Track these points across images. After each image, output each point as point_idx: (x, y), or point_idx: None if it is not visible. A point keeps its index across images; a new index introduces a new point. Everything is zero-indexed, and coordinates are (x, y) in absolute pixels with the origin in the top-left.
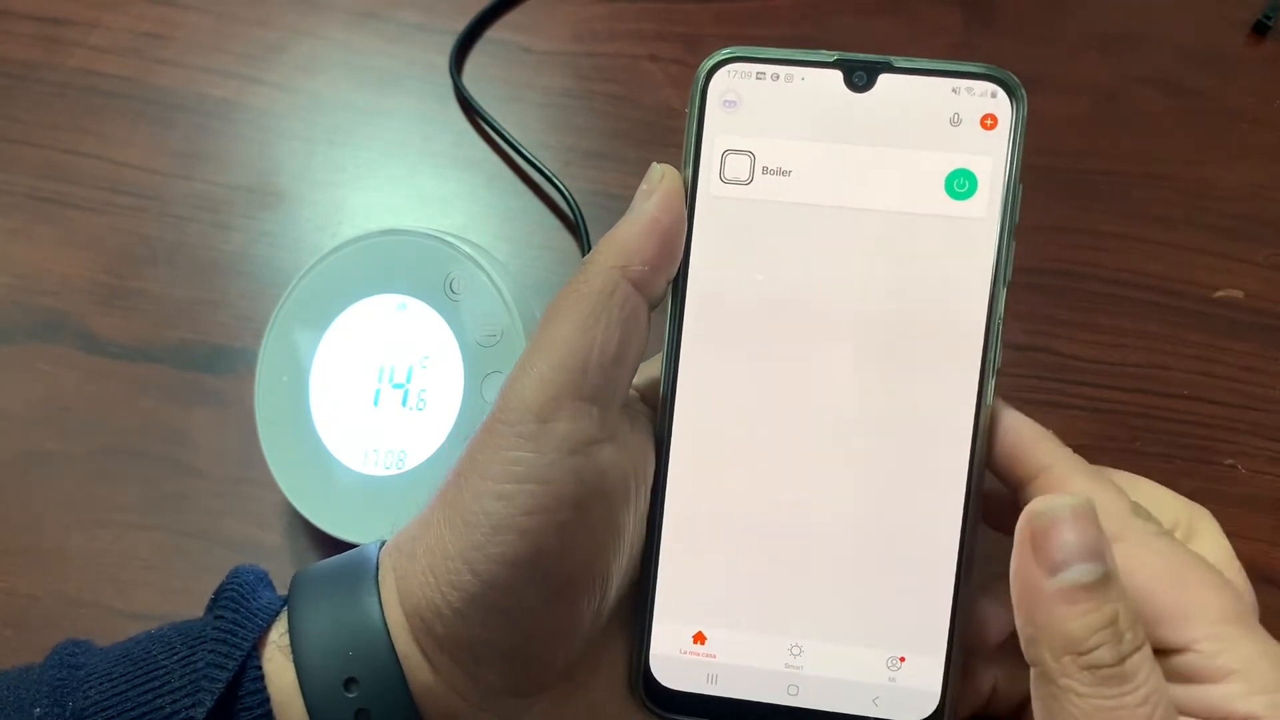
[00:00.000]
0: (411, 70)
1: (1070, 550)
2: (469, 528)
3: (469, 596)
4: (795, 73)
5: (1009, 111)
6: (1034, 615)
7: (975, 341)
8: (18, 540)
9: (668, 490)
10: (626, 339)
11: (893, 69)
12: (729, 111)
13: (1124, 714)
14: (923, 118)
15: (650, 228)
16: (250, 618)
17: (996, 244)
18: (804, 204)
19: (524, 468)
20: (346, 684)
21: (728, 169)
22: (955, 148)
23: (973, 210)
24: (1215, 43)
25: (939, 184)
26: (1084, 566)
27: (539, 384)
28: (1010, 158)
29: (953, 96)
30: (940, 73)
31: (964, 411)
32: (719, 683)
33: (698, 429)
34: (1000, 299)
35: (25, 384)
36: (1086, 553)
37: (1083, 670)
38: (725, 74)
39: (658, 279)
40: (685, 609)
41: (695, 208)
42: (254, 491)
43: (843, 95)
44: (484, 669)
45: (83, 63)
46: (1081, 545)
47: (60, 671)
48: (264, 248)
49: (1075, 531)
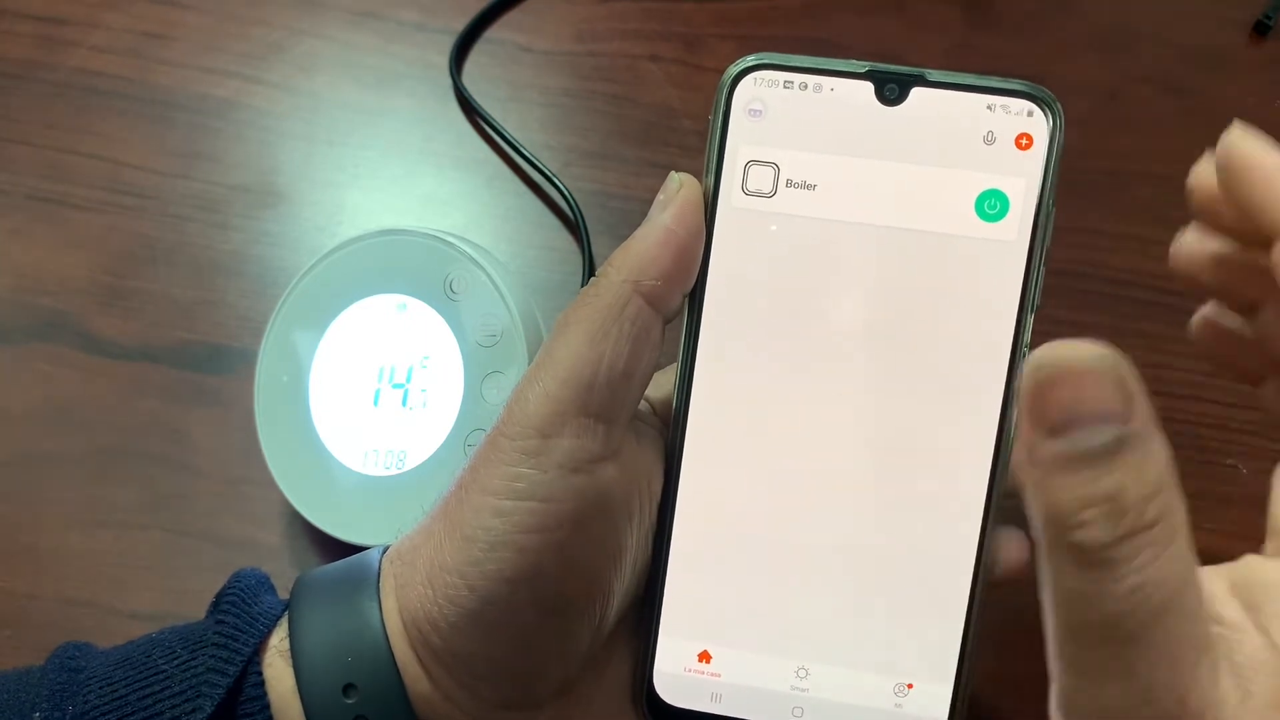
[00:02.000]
0: (411, 70)
1: (1072, 413)
2: (467, 542)
3: (465, 612)
4: (824, 83)
5: (1045, 131)
6: (1027, 477)
7: (999, 367)
8: (18, 540)
9: (677, 507)
10: (636, 355)
11: (926, 82)
12: (754, 121)
13: (1107, 604)
14: (955, 135)
15: (665, 240)
16: (251, 623)
17: (1025, 269)
18: (828, 220)
19: (525, 484)
20: (345, 690)
21: (750, 180)
22: (988, 167)
23: (1003, 233)
24: (1215, 43)
25: (969, 204)
26: (1089, 430)
27: (543, 399)
28: (1045, 180)
29: (987, 114)
30: (976, 88)
31: (984, 438)
32: (723, 702)
33: (709, 446)
34: (1027, 325)
35: (25, 384)
36: (1095, 415)
37: (1065, 549)
38: (751, 82)
39: (672, 294)
40: (691, 626)
41: (715, 219)
42: (254, 491)
43: (873, 108)
44: (480, 683)
45: (82, 62)
46: (1090, 407)
47: (60, 675)
48: (264, 248)
49: (1082, 390)
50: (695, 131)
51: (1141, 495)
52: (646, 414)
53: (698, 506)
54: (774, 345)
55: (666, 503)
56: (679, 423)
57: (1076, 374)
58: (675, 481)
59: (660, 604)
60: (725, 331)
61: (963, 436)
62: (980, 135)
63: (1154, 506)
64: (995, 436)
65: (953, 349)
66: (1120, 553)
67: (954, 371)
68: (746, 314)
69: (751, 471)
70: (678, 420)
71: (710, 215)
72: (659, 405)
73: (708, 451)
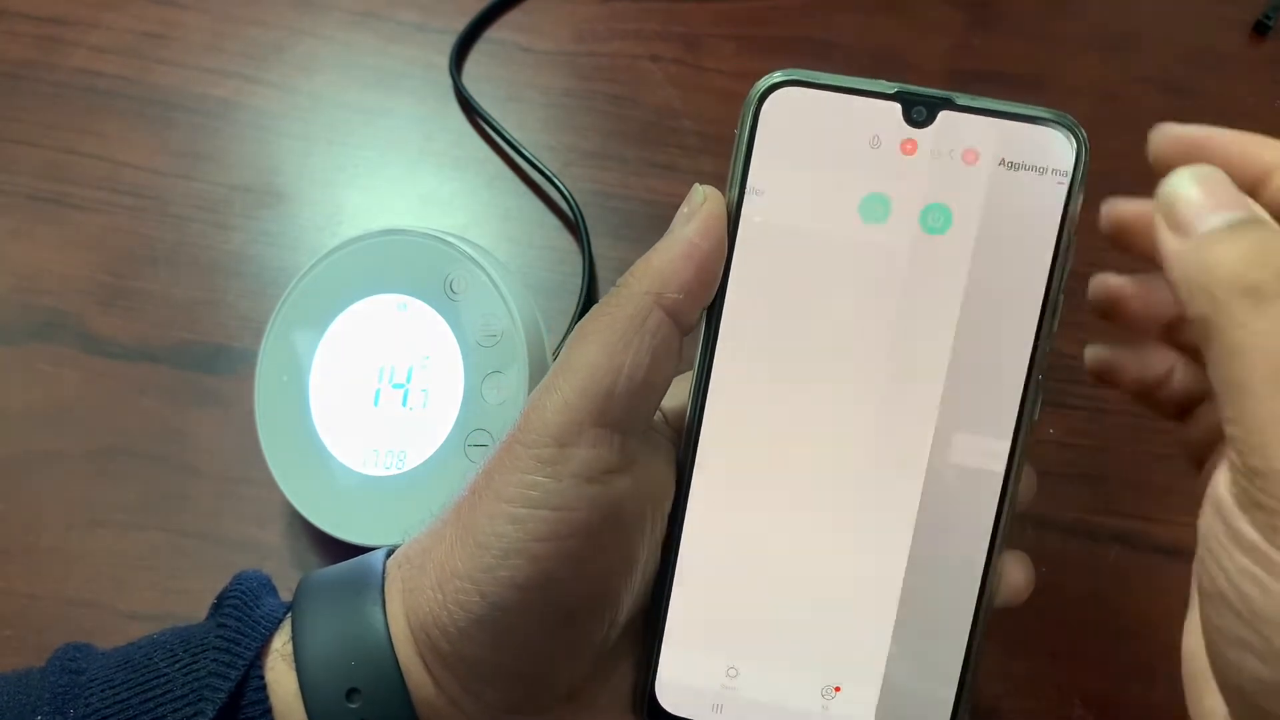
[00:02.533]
0: (411, 70)
1: (1202, 206)
2: (480, 549)
3: (475, 618)
4: (852, 102)
5: (1070, 161)
6: (1187, 273)
7: (1015, 389)
8: (18, 540)
9: (686, 519)
10: (655, 367)
11: (954, 106)
12: (779, 137)
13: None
14: (981, 159)
15: (688, 253)
16: (254, 626)
17: (1043, 294)
18: (850, 238)
19: (539, 493)
20: (349, 694)
21: (774, 196)
22: (1010, 192)
23: (1029, 256)
24: (1215, 43)
25: (991, 225)
26: (1222, 214)
27: (561, 407)
28: (1068, 207)
29: (1013, 141)
30: (1003, 114)
31: (998, 458)
32: (724, 713)
33: (722, 460)
34: (1044, 349)
35: (25, 384)
36: (1220, 204)
37: (1239, 294)
38: (778, 98)
39: (692, 307)
40: (696, 636)
41: (738, 234)
42: (254, 491)
43: (900, 129)
44: (487, 688)
45: (82, 62)
46: (1212, 199)
47: (61, 677)
48: (264, 248)
49: (1201, 190)
50: (695, 132)
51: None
52: (660, 424)
53: (707, 520)
54: (792, 362)
55: (676, 515)
56: (692, 435)
57: (1189, 183)
58: (685, 494)
59: (665, 614)
60: (743, 347)
61: (979, 456)
62: (1006, 161)
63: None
64: (1008, 456)
65: (972, 371)
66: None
67: (974, 391)
68: (765, 329)
69: (763, 486)
70: (690, 434)
71: (732, 230)
72: (672, 415)
73: (719, 466)
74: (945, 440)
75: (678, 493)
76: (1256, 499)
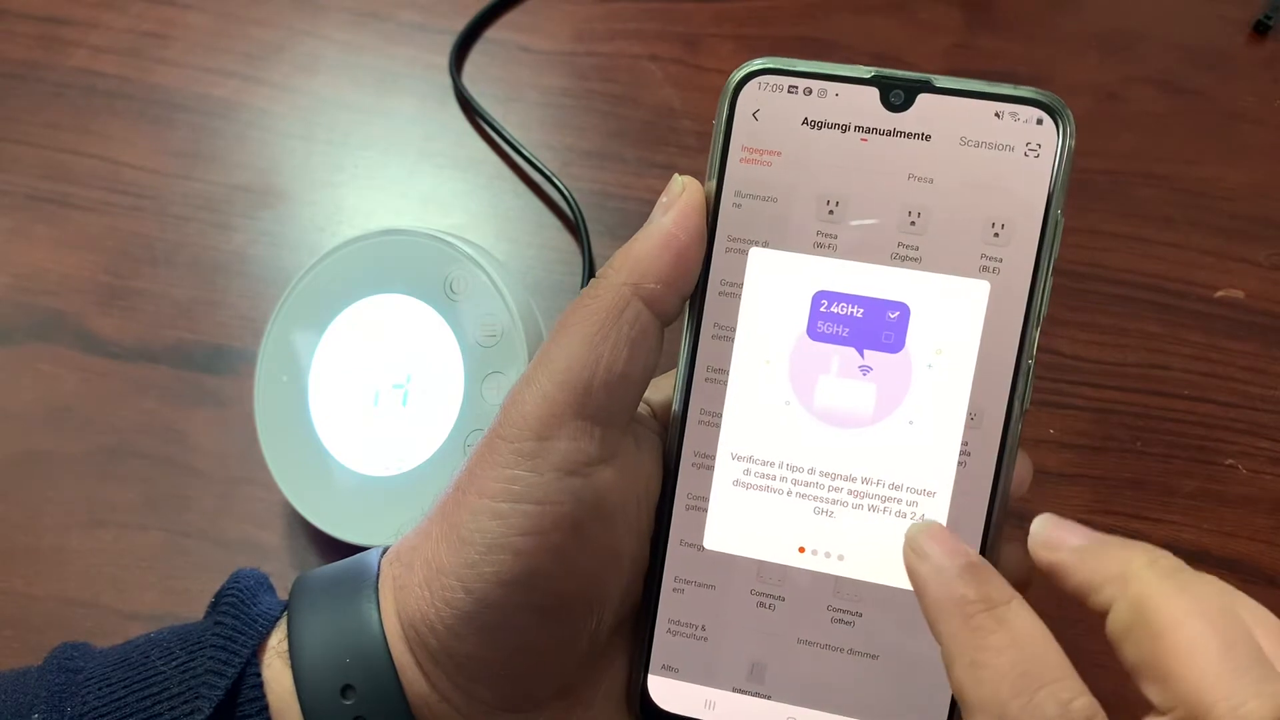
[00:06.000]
0: (411, 70)
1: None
2: (464, 545)
3: (462, 614)
4: (829, 88)
5: (1054, 139)
6: (923, 597)
7: (1003, 388)
8: (17, 540)
9: (674, 512)
10: (635, 358)
11: (933, 89)
12: (758, 125)
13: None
14: (962, 142)
15: (666, 244)
16: (250, 624)
17: (1031, 279)
18: (832, 225)
19: (521, 487)
20: (344, 691)
21: (753, 185)
22: (995, 175)
23: (1010, 242)
24: (1215, 43)
25: (975, 211)
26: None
27: (540, 400)
28: (1053, 188)
29: (995, 121)
30: (983, 95)
31: (985, 463)
32: (716, 709)
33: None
34: (1033, 333)
35: (25, 384)
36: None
37: (953, 610)
38: (755, 86)
39: (672, 297)
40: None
41: (718, 223)
42: (254, 492)
43: (878, 114)
44: (477, 685)
45: (82, 63)
46: (939, 550)
47: (58, 676)
48: (264, 248)
49: (931, 543)
50: (695, 131)
51: (988, 580)
52: (646, 417)
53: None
54: (775, 352)
55: (664, 508)
56: (677, 428)
57: (918, 539)
58: (673, 487)
59: (657, 608)
60: (726, 336)
61: (967, 452)
62: (988, 142)
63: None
64: (995, 462)
65: (958, 364)
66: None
67: (958, 385)
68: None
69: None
70: (676, 425)
71: (712, 219)
72: (659, 409)
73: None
74: (933, 430)
75: (665, 486)
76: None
